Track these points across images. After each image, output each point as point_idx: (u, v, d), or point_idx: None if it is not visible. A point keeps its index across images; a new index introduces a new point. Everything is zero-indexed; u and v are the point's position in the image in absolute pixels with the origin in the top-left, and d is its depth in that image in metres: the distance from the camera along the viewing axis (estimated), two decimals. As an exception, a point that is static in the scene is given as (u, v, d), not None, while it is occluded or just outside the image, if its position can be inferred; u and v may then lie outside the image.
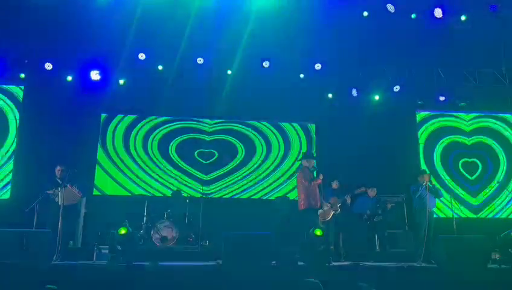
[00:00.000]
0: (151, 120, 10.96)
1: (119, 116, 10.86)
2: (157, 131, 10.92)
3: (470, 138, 11.58)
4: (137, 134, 10.83)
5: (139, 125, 10.90)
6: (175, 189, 10.11)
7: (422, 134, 11.57)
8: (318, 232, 6.33)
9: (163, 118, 10.99)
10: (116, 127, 10.79)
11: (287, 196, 10.72)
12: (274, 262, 6.16)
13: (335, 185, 8.53)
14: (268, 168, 11.09)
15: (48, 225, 6.81)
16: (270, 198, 10.80)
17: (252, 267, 5.83)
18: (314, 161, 7.52)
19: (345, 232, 8.54)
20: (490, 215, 10.98)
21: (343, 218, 8.37)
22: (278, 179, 11.01)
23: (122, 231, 6.11)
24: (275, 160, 11.17)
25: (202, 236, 8.95)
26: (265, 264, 5.99)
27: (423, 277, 6.24)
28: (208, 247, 8.93)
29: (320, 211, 8.24)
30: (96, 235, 8.57)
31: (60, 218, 6.54)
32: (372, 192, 8.62)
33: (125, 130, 10.81)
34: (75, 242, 8.24)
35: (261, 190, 10.92)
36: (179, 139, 10.96)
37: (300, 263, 6.12)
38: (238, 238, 6.31)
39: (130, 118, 10.90)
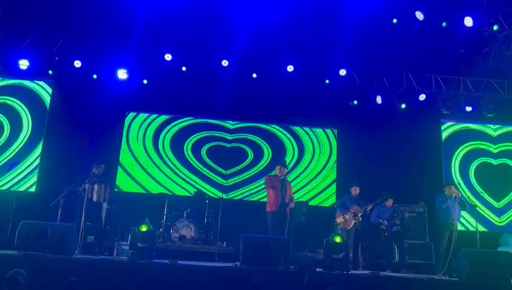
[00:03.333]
0: (177, 120, 11.10)
1: (143, 115, 11.03)
2: (175, 129, 11.04)
3: (496, 148, 11.38)
4: (158, 133, 10.97)
5: (163, 124, 11.05)
6: (196, 189, 10.19)
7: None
8: (338, 239, 6.28)
9: (187, 119, 11.13)
10: (140, 126, 10.96)
11: (305, 201, 10.68)
12: (292, 267, 6.13)
13: (354, 190, 8.44)
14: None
15: (77, 220, 6.99)
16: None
17: (269, 271, 5.82)
18: (286, 170, 7.71)
19: (364, 241, 8.44)
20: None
21: (362, 227, 8.28)
22: (296, 184, 10.95)
23: (143, 229, 6.18)
24: (296, 165, 11.16)
25: (220, 237, 9.01)
26: (284, 268, 5.98)
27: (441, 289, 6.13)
28: (225, 248, 8.96)
29: (341, 220, 8.19)
30: (116, 231, 8.70)
31: (83, 214, 6.71)
32: (388, 202, 8.50)
33: (149, 129, 10.96)
34: (96, 237, 8.36)
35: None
36: (195, 138, 11.04)
37: (318, 270, 6.08)
38: (257, 241, 6.31)
39: (154, 117, 11.07)
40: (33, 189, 9.90)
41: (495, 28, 9.18)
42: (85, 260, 6.11)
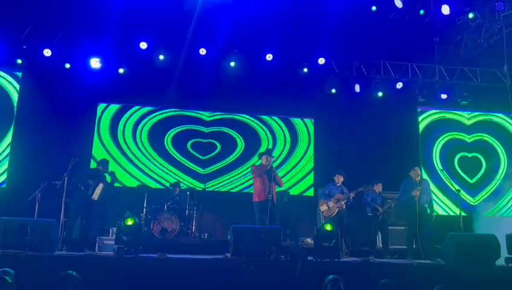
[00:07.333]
0: (152, 111, 10.82)
1: (118, 106, 10.67)
2: (149, 120, 10.76)
3: (470, 136, 11.71)
4: (135, 125, 10.67)
5: (139, 115, 10.75)
6: (174, 181, 9.98)
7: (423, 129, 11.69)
8: (328, 227, 6.25)
9: (165, 110, 10.86)
10: (114, 117, 10.61)
11: (287, 190, 10.65)
12: (283, 256, 6.08)
13: (337, 178, 8.42)
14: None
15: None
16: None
17: (261, 261, 5.74)
18: (273, 159, 7.65)
19: (348, 229, 8.47)
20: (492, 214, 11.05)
21: (346, 214, 8.30)
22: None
23: (129, 222, 5.96)
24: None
25: (201, 229, 8.82)
26: (276, 258, 5.91)
27: (429, 273, 6.20)
28: (208, 240, 8.84)
29: (324, 208, 8.19)
30: (95, 226, 8.38)
31: (62, 208, 6.40)
32: (378, 188, 8.56)
33: (123, 120, 10.64)
34: (75, 233, 8.04)
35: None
36: (176, 130, 10.81)
37: (310, 258, 6.05)
38: (248, 231, 6.21)
39: (129, 108, 10.74)
40: (3, 184, 9.45)
41: (470, 16, 9.35)
42: (69, 256, 5.84)
